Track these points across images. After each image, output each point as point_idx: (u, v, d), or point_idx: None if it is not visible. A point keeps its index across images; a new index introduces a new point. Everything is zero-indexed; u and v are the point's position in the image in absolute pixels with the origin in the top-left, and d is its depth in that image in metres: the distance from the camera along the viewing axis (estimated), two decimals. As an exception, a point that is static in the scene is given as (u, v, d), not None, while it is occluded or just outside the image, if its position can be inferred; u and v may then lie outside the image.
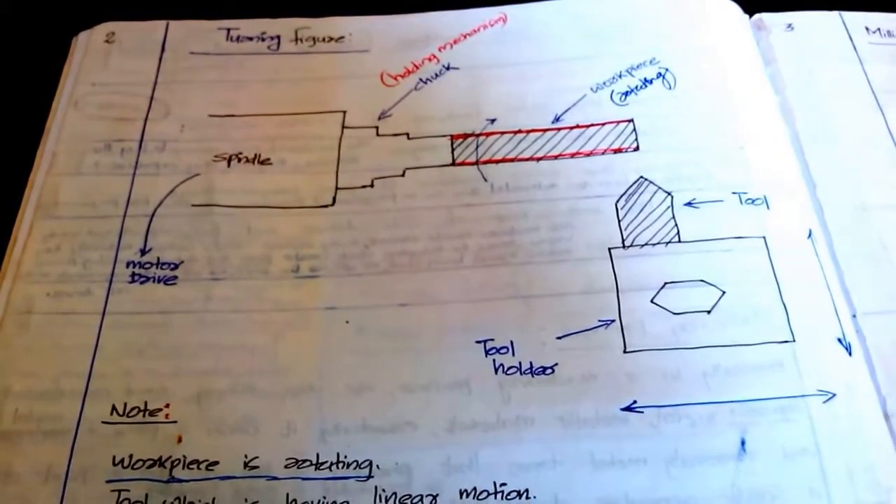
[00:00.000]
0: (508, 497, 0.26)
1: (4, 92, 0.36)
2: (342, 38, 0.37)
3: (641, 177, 0.32)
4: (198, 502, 0.26)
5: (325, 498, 0.26)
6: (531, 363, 0.28)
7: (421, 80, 0.36)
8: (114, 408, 0.28)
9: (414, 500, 0.26)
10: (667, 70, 0.35)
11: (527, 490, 0.26)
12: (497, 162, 0.33)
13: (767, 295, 0.29)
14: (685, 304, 0.29)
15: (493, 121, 0.34)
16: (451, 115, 0.34)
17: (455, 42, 0.37)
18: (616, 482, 0.26)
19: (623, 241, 0.31)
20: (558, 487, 0.26)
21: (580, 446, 0.27)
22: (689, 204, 0.31)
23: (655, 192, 0.32)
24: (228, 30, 0.37)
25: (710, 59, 0.35)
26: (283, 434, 0.27)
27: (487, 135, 0.34)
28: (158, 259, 0.31)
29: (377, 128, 0.34)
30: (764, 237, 0.30)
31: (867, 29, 0.36)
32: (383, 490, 0.26)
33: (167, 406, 0.28)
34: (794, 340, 0.28)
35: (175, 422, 0.27)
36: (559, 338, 0.29)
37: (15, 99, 0.36)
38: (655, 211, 0.31)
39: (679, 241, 0.31)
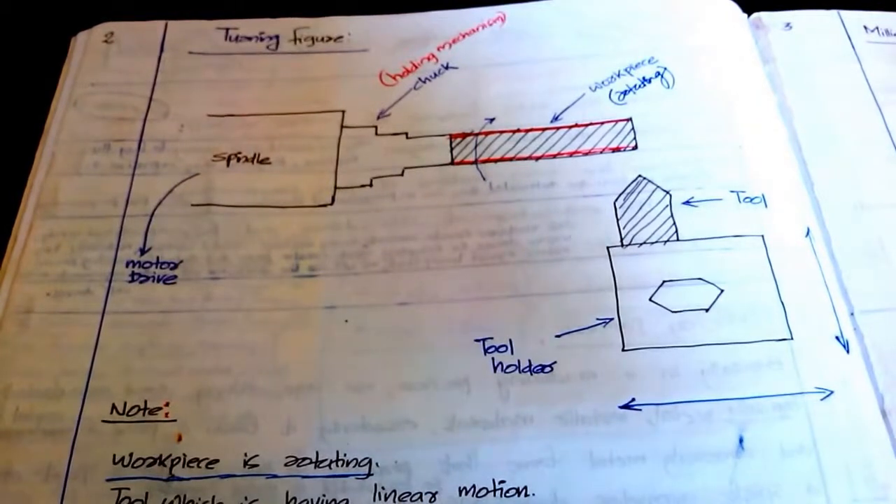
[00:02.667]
0: (507, 495, 0.26)
1: (4, 92, 0.36)
2: (341, 37, 0.37)
3: (640, 176, 0.32)
4: (198, 501, 0.26)
5: (324, 496, 0.26)
6: (530, 361, 0.28)
7: (420, 79, 0.36)
8: (114, 406, 0.28)
9: (413, 498, 0.26)
10: (665, 69, 0.35)
11: (525, 488, 0.26)
12: (496, 161, 0.33)
13: (765, 293, 0.29)
14: (683, 302, 0.29)
15: (491, 120, 0.34)
16: (450, 115, 0.34)
17: (454, 41, 0.37)
18: (614, 480, 0.26)
19: (622, 239, 0.31)
20: (557, 485, 0.26)
21: (579, 444, 0.27)
22: (687, 203, 0.31)
23: (654, 191, 0.32)
24: (227, 29, 0.37)
25: (709, 58, 0.35)
26: (283, 432, 0.27)
27: (486, 134, 0.34)
28: (158, 258, 0.31)
29: (376, 127, 0.34)
30: (762, 236, 0.31)
31: (866, 28, 0.36)
32: (383, 488, 0.26)
33: (167, 405, 0.28)
34: (792, 338, 0.28)
35: (175, 420, 0.28)
36: (558, 336, 0.29)
37: (14, 99, 0.36)
38: (654, 210, 0.31)
39: (677, 240, 0.31)
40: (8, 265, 0.31)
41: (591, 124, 0.34)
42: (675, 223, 0.31)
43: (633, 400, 0.27)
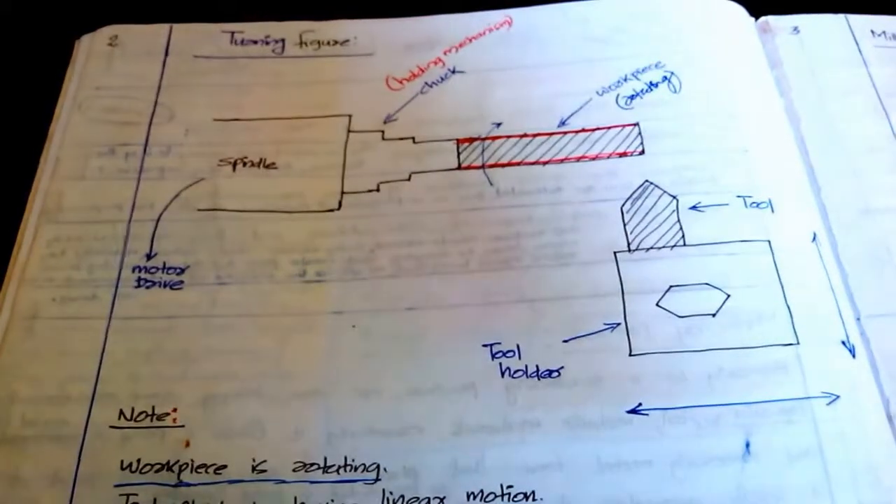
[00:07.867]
0: (515, 499, 0.26)
1: (8, 96, 0.36)
2: (347, 41, 0.37)
3: (647, 180, 0.32)
4: (205, 506, 0.26)
5: (332, 501, 0.26)
6: (537, 366, 0.28)
7: (426, 83, 0.36)
8: (121, 412, 0.28)
9: (421, 503, 0.26)
10: (672, 73, 0.35)
11: (533, 492, 0.26)
12: (503, 166, 0.33)
13: (772, 298, 0.29)
14: (690, 307, 0.29)
15: (498, 125, 0.34)
16: (456, 119, 0.34)
17: (460, 45, 0.37)
18: (621, 484, 0.26)
19: (628, 244, 0.31)
20: (564, 489, 0.26)
21: (586, 448, 0.27)
22: (694, 207, 0.31)
23: (661, 196, 0.32)
24: (233, 33, 0.37)
25: (716, 63, 0.35)
26: (291, 438, 0.27)
27: (493, 139, 0.34)
28: (164, 264, 0.31)
29: (383, 132, 0.34)
30: (768, 240, 0.31)
31: (873, 32, 0.36)
32: (391, 493, 0.26)
33: (174, 410, 0.28)
34: (798, 343, 0.28)
35: (182, 426, 0.27)
36: (565, 341, 0.29)
37: (18, 103, 0.36)
38: (661, 215, 0.31)
39: (684, 245, 0.31)
40: (13, 270, 0.31)
41: (597, 129, 0.34)
42: (681, 228, 0.31)
43: (640, 405, 0.28)
